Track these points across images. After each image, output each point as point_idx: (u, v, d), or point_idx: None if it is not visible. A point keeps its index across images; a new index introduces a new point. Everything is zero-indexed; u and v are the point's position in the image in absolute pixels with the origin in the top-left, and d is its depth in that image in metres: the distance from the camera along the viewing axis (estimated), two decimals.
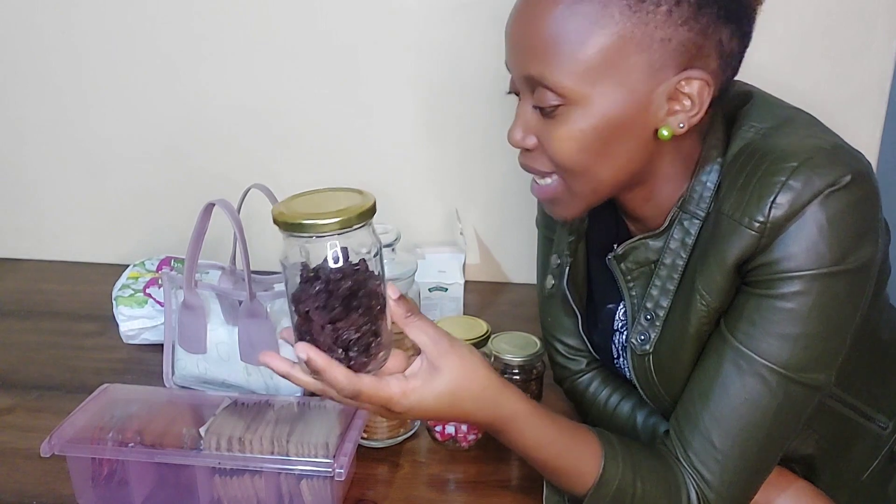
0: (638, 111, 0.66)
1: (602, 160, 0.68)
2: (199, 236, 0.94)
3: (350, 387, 0.60)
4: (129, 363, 1.10)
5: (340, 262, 0.58)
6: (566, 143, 0.67)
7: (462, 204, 1.35)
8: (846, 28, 1.18)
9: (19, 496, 0.82)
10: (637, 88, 0.65)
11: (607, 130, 0.66)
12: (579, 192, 0.71)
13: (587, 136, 0.66)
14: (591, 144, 0.67)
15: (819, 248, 0.62)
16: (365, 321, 0.60)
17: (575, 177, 0.70)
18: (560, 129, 0.67)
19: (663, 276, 0.74)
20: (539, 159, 0.71)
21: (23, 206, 1.46)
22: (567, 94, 0.65)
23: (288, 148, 1.35)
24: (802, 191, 0.62)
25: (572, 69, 0.64)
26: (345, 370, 0.60)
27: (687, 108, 0.66)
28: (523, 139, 0.71)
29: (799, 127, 0.68)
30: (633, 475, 0.68)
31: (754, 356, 0.65)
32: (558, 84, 0.65)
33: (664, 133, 0.66)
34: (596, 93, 0.65)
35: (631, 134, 0.67)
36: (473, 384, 0.65)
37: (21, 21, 1.32)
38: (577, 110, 0.66)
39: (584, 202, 0.72)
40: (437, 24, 1.24)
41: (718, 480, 0.67)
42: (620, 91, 0.65)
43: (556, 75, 0.65)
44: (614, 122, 0.66)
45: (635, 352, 0.76)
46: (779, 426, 0.67)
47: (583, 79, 0.65)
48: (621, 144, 0.67)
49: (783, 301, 0.64)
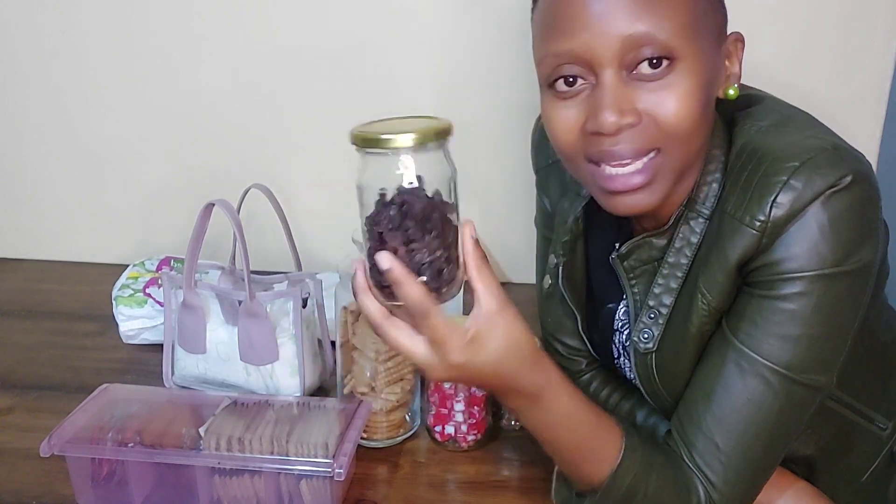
0: (718, 69, 0.68)
1: (704, 123, 0.67)
2: (198, 236, 0.94)
3: (422, 305, 0.57)
4: (128, 363, 1.10)
5: (415, 183, 0.57)
6: (683, 102, 0.64)
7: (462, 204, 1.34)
8: (846, 28, 1.18)
9: (19, 496, 0.82)
10: (716, 45, 0.67)
11: (707, 88, 0.66)
12: (674, 167, 0.67)
13: (697, 94, 0.64)
14: (700, 104, 0.65)
15: (820, 249, 0.62)
16: (438, 245, 0.58)
17: (678, 146, 0.66)
18: (674, 89, 0.63)
19: (667, 274, 0.73)
20: (642, 135, 0.65)
21: (23, 206, 1.45)
22: (678, 48, 0.63)
23: (288, 148, 1.35)
24: (804, 191, 0.62)
25: (678, 23, 0.63)
26: (422, 286, 0.57)
27: (735, 72, 0.69)
28: (622, 116, 0.64)
29: (799, 126, 0.68)
30: (648, 469, 0.68)
31: (756, 357, 0.65)
32: (670, 38, 0.62)
33: (730, 92, 0.69)
34: (696, 48, 0.64)
35: (712, 95, 0.68)
36: (526, 343, 0.63)
37: (21, 21, 1.32)
38: (685, 68, 0.63)
39: (672, 181, 0.68)
40: (440, 24, 1.24)
41: (722, 481, 0.67)
42: (709, 47, 0.66)
43: (667, 30, 0.62)
44: (710, 79, 0.66)
45: (638, 350, 0.76)
46: (781, 427, 0.67)
47: (686, 33, 0.63)
48: (710, 106, 0.68)
49: (785, 302, 0.64)
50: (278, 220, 0.99)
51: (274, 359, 0.95)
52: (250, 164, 1.35)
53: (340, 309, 0.89)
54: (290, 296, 0.95)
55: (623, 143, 0.65)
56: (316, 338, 1.00)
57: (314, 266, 1.18)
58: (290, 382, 0.96)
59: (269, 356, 0.94)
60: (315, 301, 1.00)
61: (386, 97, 1.30)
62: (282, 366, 0.95)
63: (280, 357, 0.95)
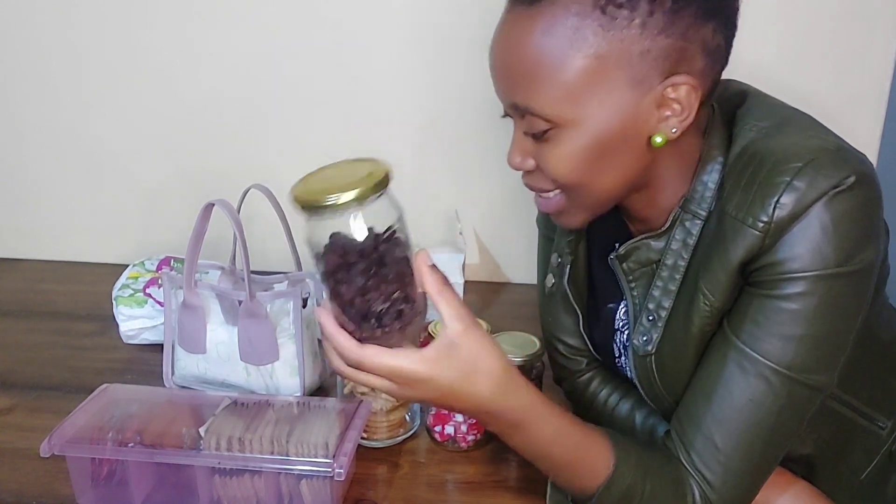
0: (628, 124, 0.66)
1: (600, 174, 0.68)
2: (198, 236, 0.94)
3: (353, 354, 0.60)
4: (128, 363, 1.10)
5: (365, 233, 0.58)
6: (561, 163, 0.68)
7: (462, 204, 1.35)
8: (846, 28, 1.18)
9: (19, 496, 0.82)
10: (623, 103, 0.65)
11: (600, 147, 0.67)
12: (582, 204, 0.72)
13: (580, 154, 0.67)
14: (586, 161, 0.67)
15: (823, 249, 0.62)
16: (394, 287, 0.59)
17: (576, 191, 0.70)
18: (554, 150, 0.68)
19: (665, 276, 0.74)
20: (539, 178, 0.72)
21: (23, 206, 1.45)
22: (554, 118, 0.66)
23: (288, 148, 1.35)
24: (807, 191, 0.62)
25: (555, 95, 0.65)
26: (348, 337, 0.60)
27: (678, 113, 0.66)
28: (522, 162, 0.72)
29: (801, 127, 0.68)
30: (643, 474, 0.68)
31: (758, 357, 0.65)
32: (543, 111, 0.66)
33: (657, 140, 0.67)
34: (583, 113, 0.65)
35: (625, 146, 0.67)
36: (494, 366, 0.63)
37: (21, 21, 1.32)
38: (567, 132, 0.66)
39: (589, 212, 0.73)
40: (439, 24, 1.24)
41: (720, 481, 0.67)
42: (607, 108, 0.65)
43: (541, 103, 0.66)
44: (605, 138, 0.66)
45: (637, 353, 0.76)
46: (781, 427, 0.67)
47: (567, 102, 0.65)
48: (617, 157, 0.68)
49: (787, 302, 0.64)
50: (278, 220, 0.99)
51: (274, 359, 0.95)
52: (250, 165, 1.35)
53: None
54: (290, 296, 0.95)
55: (529, 180, 0.73)
56: (316, 338, 1.00)
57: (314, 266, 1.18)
58: (290, 382, 0.96)
59: (269, 356, 0.94)
60: (315, 301, 1.00)
61: (386, 97, 1.30)
62: (282, 366, 0.95)
63: (280, 357, 0.95)
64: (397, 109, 1.31)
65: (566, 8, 0.63)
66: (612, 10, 0.62)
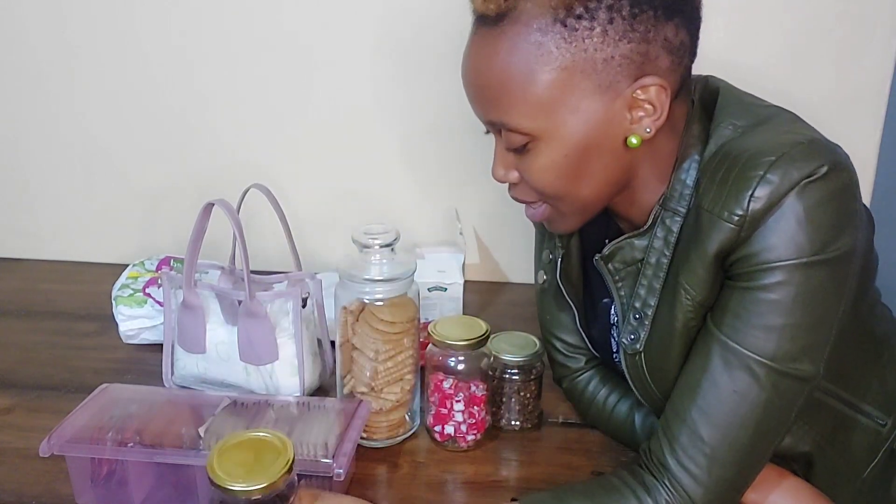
0: (602, 129, 0.68)
1: (582, 181, 0.71)
2: (198, 236, 0.94)
3: None
4: (128, 363, 1.10)
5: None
6: (542, 174, 0.71)
7: (461, 204, 1.35)
8: (846, 28, 1.18)
9: (18, 496, 0.82)
10: (594, 110, 0.68)
11: (577, 154, 0.69)
12: (569, 211, 0.75)
13: (560, 164, 0.70)
14: (567, 170, 0.70)
15: (798, 238, 0.63)
16: None
17: (561, 200, 0.74)
18: (534, 162, 0.71)
19: (649, 274, 0.74)
20: (524, 190, 0.75)
21: (22, 206, 1.45)
22: (529, 131, 0.69)
23: (288, 148, 1.35)
24: (780, 183, 0.62)
25: (527, 109, 0.68)
26: None
27: (650, 113, 0.68)
28: (505, 175, 0.75)
29: (778, 124, 0.69)
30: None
31: (741, 349, 0.66)
32: (519, 125, 0.69)
33: (633, 141, 0.69)
34: (556, 124, 0.68)
35: (602, 151, 0.70)
36: None
37: (18, 21, 1.32)
38: (545, 143, 0.70)
39: (578, 218, 0.76)
40: (437, 25, 1.24)
41: (706, 474, 0.67)
42: (579, 117, 0.68)
43: (515, 118, 0.69)
44: (582, 145, 0.69)
45: (626, 351, 0.77)
46: (768, 419, 0.67)
47: (539, 115, 0.68)
48: (596, 162, 0.70)
49: (765, 292, 0.64)
50: (278, 220, 0.99)
51: (274, 359, 0.95)
52: (250, 164, 1.35)
53: (340, 309, 0.89)
54: (289, 296, 0.95)
55: (515, 193, 0.77)
56: (316, 338, 1.00)
57: (314, 266, 1.18)
58: (290, 382, 0.96)
59: (268, 356, 0.94)
60: (315, 301, 1.00)
61: (386, 94, 1.30)
62: (282, 366, 0.95)
63: (280, 357, 0.95)
64: (398, 107, 1.31)
65: (528, 25, 0.66)
66: (572, 22, 0.65)
